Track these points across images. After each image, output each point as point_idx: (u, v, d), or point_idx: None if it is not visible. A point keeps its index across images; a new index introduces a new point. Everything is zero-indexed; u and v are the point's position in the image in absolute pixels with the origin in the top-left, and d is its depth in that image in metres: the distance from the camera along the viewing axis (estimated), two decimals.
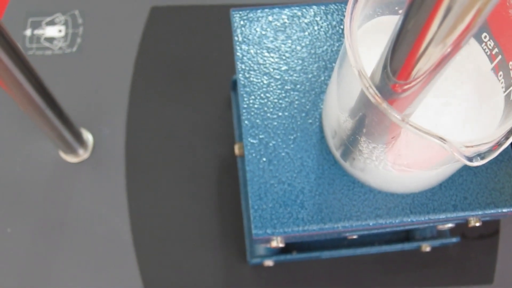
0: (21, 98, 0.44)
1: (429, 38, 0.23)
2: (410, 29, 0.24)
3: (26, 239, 0.57)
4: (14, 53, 0.39)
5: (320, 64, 0.43)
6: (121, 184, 0.59)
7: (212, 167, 0.60)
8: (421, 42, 0.24)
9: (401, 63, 0.26)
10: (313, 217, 0.40)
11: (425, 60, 0.25)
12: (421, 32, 0.23)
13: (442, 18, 0.21)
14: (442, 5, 0.21)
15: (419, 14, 0.23)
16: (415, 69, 0.26)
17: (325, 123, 0.40)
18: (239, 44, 0.43)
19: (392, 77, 0.27)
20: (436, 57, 0.24)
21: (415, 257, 0.57)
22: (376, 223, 0.40)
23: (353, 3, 0.31)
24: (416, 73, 0.26)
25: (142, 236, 0.57)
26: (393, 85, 0.28)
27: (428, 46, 0.24)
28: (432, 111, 0.35)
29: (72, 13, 0.65)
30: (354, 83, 0.31)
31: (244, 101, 0.42)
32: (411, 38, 0.24)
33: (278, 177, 0.40)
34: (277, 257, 0.53)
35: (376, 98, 0.29)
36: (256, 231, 0.39)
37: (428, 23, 0.22)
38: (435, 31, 0.23)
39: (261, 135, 0.41)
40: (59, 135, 0.53)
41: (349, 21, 0.30)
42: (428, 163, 0.34)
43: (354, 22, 0.30)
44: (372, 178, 0.38)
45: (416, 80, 0.27)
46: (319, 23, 0.44)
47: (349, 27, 0.30)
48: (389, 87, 0.28)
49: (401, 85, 0.28)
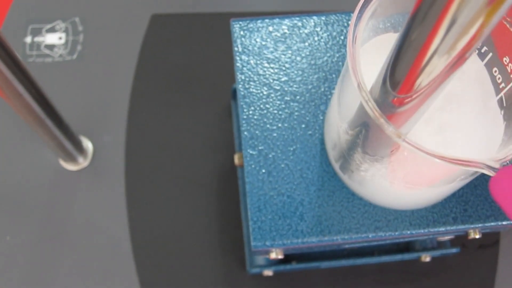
0: (21, 108, 0.44)
1: (433, 49, 0.23)
2: (414, 40, 0.23)
3: (25, 247, 0.56)
4: (14, 64, 0.39)
5: (320, 75, 0.43)
6: (120, 192, 0.58)
7: (212, 175, 0.59)
8: (424, 54, 0.23)
9: (403, 75, 0.26)
10: (312, 229, 0.39)
11: (428, 72, 0.24)
12: (425, 43, 0.23)
13: (447, 29, 0.21)
14: (447, 17, 0.21)
15: (423, 24, 0.22)
16: (417, 82, 0.25)
17: (326, 134, 0.40)
18: (239, 55, 0.43)
19: (392, 91, 0.27)
20: (439, 69, 0.24)
21: (415, 267, 0.56)
22: (375, 235, 0.40)
23: (358, 15, 0.30)
24: (418, 86, 0.26)
25: (142, 244, 0.57)
26: (393, 99, 0.28)
27: (431, 58, 0.23)
28: (435, 125, 0.34)
29: (73, 20, 0.65)
30: (355, 96, 0.30)
31: (244, 112, 0.42)
32: (414, 49, 0.24)
33: (278, 188, 0.40)
34: (277, 267, 0.53)
35: (375, 112, 0.28)
36: (255, 243, 0.39)
37: (432, 34, 0.22)
38: (439, 42, 0.22)
39: (261, 147, 0.41)
40: (59, 144, 0.52)
41: (352, 34, 0.30)
42: (430, 181, 0.34)
43: (357, 34, 0.30)
44: (370, 192, 0.38)
45: (417, 93, 0.26)
46: (319, 34, 0.44)
47: (351, 40, 0.30)
48: (389, 101, 0.28)
49: (401, 99, 0.27)
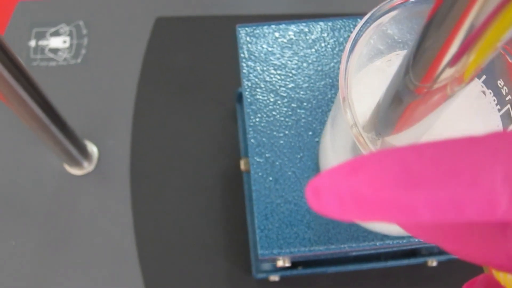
0: (25, 115, 0.44)
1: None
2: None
3: (30, 252, 0.56)
4: (18, 71, 0.39)
5: (327, 82, 0.42)
6: (126, 197, 0.58)
7: (217, 179, 0.59)
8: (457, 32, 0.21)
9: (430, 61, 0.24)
10: (319, 238, 0.39)
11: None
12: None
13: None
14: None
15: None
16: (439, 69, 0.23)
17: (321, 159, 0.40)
18: (245, 61, 0.43)
19: (415, 81, 0.26)
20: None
21: (422, 272, 0.56)
22: (383, 243, 0.39)
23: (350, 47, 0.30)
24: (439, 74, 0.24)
25: (147, 248, 0.57)
26: (415, 88, 0.26)
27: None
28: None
29: (77, 24, 0.65)
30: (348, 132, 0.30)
31: (250, 119, 0.41)
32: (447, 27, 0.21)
33: (285, 196, 0.40)
34: (283, 272, 0.53)
35: (360, 139, 0.28)
36: (262, 251, 0.39)
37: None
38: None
39: (267, 154, 0.41)
40: (63, 149, 0.52)
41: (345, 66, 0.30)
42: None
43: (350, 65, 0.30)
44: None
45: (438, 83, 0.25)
46: (326, 40, 0.44)
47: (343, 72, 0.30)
48: (410, 90, 0.27)
49: (422, 88, 0.26)
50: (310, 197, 0.17)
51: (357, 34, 0.30)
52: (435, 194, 0.15)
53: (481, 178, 0.14)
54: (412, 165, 0.15)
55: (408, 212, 0.15)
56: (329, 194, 0.16)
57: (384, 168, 0.16)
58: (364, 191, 0.16)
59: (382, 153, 0.16)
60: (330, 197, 0.16)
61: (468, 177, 0.14)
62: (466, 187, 0.14)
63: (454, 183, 0.15)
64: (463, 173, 0.15)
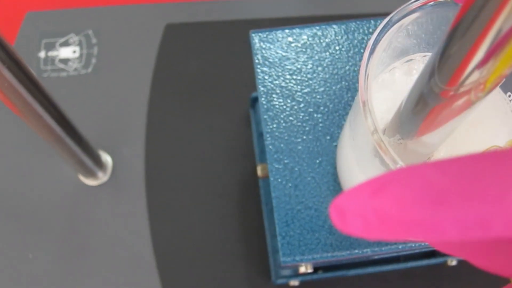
0: (41, 129, 0.44)
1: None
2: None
3: (47, 264, 0.56)
4: (32, 85, 0.39)
5: (343, 85, 0.42)
6: (142, 205, 0.58)
7: (233, 185, 0.59)
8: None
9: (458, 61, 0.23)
10: (341, 243, 0.39)
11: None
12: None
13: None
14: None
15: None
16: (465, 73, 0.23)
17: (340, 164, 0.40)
18: (260, 67, 0.43)
19: (441, 84, 0.25)
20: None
21: (442, 272, 0.56)
22: (405, 246, 0.39)
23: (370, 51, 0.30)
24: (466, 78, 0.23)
25: (165, 256, 0.57)
26: (441, 92, 0.26)
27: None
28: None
29: (86, 33, 0.65)
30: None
31: (267, 125, 0.41)
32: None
33: (305, 202, 0.40)
34: (303, 277, 0.53)
35: (381, 145, 0.28)
36: (284, 258, 0.39)
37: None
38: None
39: (286, 160, 0.40)
40: (78, 161, 0.52)
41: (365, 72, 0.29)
42: None
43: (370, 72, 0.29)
44: None
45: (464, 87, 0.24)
46: (340, 43, 0.43)
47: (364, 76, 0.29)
48: (436, 92, 0.26)
49: (447, 91, 0.25)
50: (335, 217, 0.17)
51: (376, 37, 0.30)
52: (461, 211, 0.15)
53: (508, 193, 0.14)
54: (436, 182, 0.15)
55: (434, 231, 0.15)
56: (354, 215, 0.16)
57: (407, 187, 0.16)
58: (389, 211, 0.16)
59: (404, 171, 0.16)
60: (355, 218, 0.16)
61: (494, 193, 0.14)
62: (493, 203, 0.14)
63: (480, 200, 0.14)
64: (489, 189, 0.14)
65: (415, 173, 0.16)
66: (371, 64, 0.30)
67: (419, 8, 0.30)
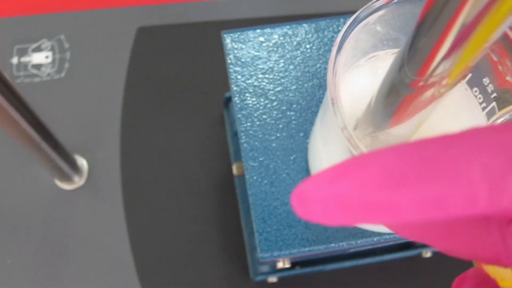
0: (17, 134, 0.44)
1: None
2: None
3: (27, 269, 0.56)
4: (8, 91, 0.39)
5: (315, 82, 0.43)
6: (119, 208, 0.58)
7: (209, 185, 0.60)
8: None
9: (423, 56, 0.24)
10: (318, 237, 0.40)
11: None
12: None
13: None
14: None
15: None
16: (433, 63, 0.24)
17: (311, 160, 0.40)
18: (232, 67, 0.43)
19: (411, 74, 0.26)
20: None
21: (417, 263, 0.57)
22: (380, 238, 0.40)
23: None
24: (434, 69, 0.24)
25: (144, 258, 0.57)
26: (411, 82, 0.27)
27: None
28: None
29: (58, 38, 0.65)
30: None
31: (242, 124, 0.42)
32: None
33: (281, 198, 0.40)
34: (281, 273, 0.53)
35: (351, 141, 0.29)
36: (262, 254, 0.39)
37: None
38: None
39: (261, 158, 0.41)
40: (54, 165, 0.52)
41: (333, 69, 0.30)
42: None
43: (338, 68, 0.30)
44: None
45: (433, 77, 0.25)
46: (310, 41, 0.44)
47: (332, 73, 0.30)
48: (406, 83, 0.27)
49: (417, 82, 0.26)
50: (296, 205, 0.17)
51: (343, 35, 0.31)
52: (418, 193, 0.15)
53: (460, 174, 0.15)
54: (393, 166, 0.16)
55: (393, 213, 0.16)
56: (314, 200, 0.17)
57: (366, 172, 0.16)
58: (349, 195, 0.16)
59: (364, 157, 0.16)
60: (315, 204, 0.17)
61: (448, 174, 0.15)
62: (447, 184, 0.15)
63: (435, 181, 0.15)
64: (443, 171, 0.15)
65: (374, 158, 0.16)
66: (338, 61, 0.31)
67: (384, 6, 0.30)
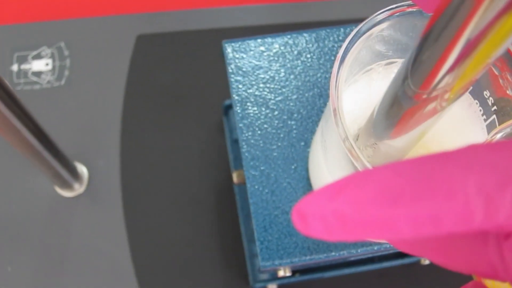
0: (18, 142, 0.44)
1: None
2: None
3: (27, 276, 0.56)
4: (10, 99, 0.39)
5: (315, 92, 0.43)
6: (119, 215, 0.59)
7: (209, 192, 0.60)
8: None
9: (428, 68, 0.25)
10: (319, 246, 0.40)
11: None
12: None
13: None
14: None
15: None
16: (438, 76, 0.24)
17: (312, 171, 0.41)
18: (233, 76, 0.44)
19: (414, 87, 0.26)
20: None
21: (415, 270, 0.57)
22: (381, 247, 0.40)
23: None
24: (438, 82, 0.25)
25: (144, 266, 0.57)
26: (414, 95, 0.27)
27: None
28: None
29: (58, 46, 0.65)
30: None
31: (243, 133, 0.42)
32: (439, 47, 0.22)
33: (282, 207, 0.41)
34: (281, 281, 0.54)
35: (352, 152, 0.29)
36: (263, 263, 0.40)
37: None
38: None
39: (262, 167, 0.41)
40: (55, 173, 0.52)
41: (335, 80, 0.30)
42: None
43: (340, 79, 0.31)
44: None
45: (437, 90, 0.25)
46: (311, 50, 0.44)
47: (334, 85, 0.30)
48: (408, 95, 0.27)
49: (420, 94, 0.26)
50: (296, 220, 0.18)
51: (346, 48, 0.31)
52: (414, 210, 0.15)
53: (456, 191, 0.15)
54: (390, 184, 0.16)
55: (389, 229, 0.16)
56: (314, 217, 0.17)
57: (364, 189, 0.16)
58: (347, 212, 0.16)
59: (361, 174, 0.17)
60: (315, 220, 0.17)
61: (443, 191, 0.15)
62: (442, 200, 0.15)
63: (431, 198, 0.15)
64: (439, 188, 0.15)
65: (371, 176, 0.17)
66: (341, 74, 0.31)
67: (386, 19, 0.31)
